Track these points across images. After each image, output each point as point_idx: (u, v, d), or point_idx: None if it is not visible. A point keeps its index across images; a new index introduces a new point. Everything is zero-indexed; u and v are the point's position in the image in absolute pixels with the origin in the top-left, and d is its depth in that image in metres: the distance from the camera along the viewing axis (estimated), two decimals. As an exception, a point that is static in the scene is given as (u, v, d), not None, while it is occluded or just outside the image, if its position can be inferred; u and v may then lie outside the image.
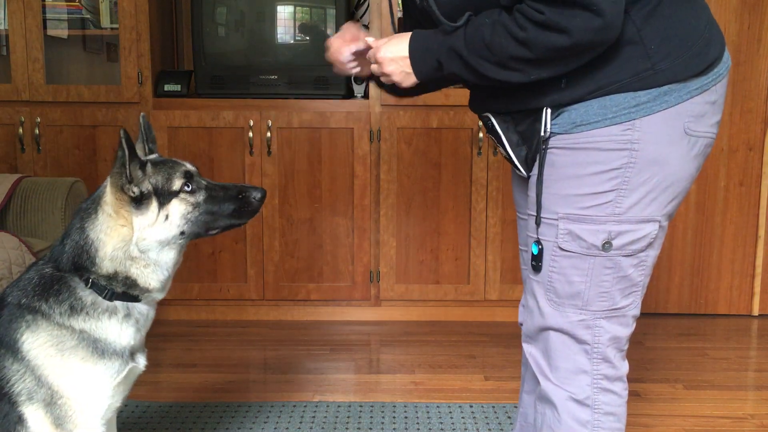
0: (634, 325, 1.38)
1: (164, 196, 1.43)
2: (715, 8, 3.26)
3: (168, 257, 1.47)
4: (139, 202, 1.41)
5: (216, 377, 2.72)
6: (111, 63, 3.49)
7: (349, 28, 1.52)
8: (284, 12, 3.25)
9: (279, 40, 3.28)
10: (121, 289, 1.44)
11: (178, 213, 1.44)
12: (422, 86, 1.43)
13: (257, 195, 1.51)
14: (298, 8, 3.25)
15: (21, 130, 3.18)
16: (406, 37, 1.36)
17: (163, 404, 2.46)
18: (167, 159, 1.51)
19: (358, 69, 1.54)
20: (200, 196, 1.48)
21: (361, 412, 2.42)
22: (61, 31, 3.32)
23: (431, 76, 1.36)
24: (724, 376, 2.76)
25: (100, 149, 3.22)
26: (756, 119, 3.34)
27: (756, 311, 3.46)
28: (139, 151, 1.55)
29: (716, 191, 3.38)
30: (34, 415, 1.39)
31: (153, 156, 1.55)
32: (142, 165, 1.43)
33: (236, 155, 3.21)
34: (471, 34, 1.25)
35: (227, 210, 1.49)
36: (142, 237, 1.42)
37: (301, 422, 2.34)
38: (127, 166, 1.39)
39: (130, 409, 2.41)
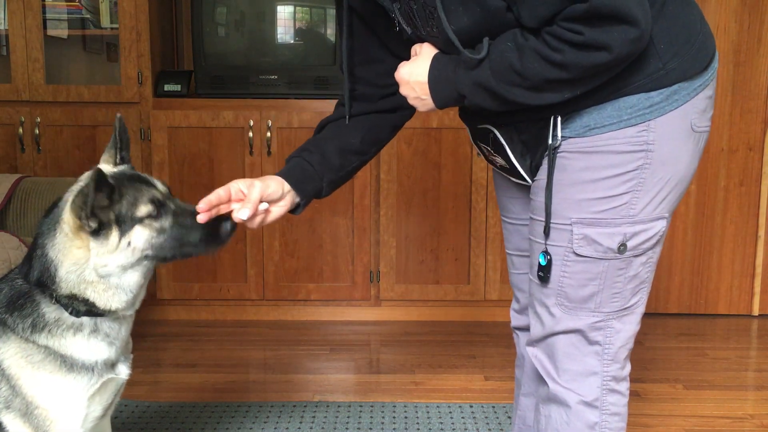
0: (640, 323, 1.38)
1: (127, 223, 1.34)
2: (715, 8, 3.26)
3: (132, 280, 1.38)
4: (97, 232, 1.32)
5: (216, 377, 2.72)
6: (111, 63, 3.49)
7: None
8: (284, 12, 3.25)
9: (279, 40, 3.28)
10: (84, 308, 1.37)
11: (141, 239, 1.36)
12: None
13: (227, 227, 1.39)
14: (298, 8, 3.25)
15: (21, 130, 3.18)
16: (428, 58, 1.31)
17: (163, 404, 2.46)
18: (136, 177, 1.41)
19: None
20: (166, 222, 1.37)
21: (361, 412, 2.42)
22: (61, 31, 3.32)
23: (451, 105, 1.33)
24: (724, 376, 2.76)
25: (101, 149, 3.18)
26: (756, 119, 3.34)
27: (756, 311, 3.46)
28: (110, 159, 1.46)
29: (716, 191, 3.38)
30: (12, 423, 1.38)
31: (123, 167, 1.45)
32: (110, 191, 1.32)
33: (236, 155, 3.21)
34: (497, 63, 1.20)
35: (194, 238, 1.39)
36: (102, 263, 1.34)
37: (301, 422, 2.34)
38: (89, 206, 1.30)
39: (130, 409, 2.41)
